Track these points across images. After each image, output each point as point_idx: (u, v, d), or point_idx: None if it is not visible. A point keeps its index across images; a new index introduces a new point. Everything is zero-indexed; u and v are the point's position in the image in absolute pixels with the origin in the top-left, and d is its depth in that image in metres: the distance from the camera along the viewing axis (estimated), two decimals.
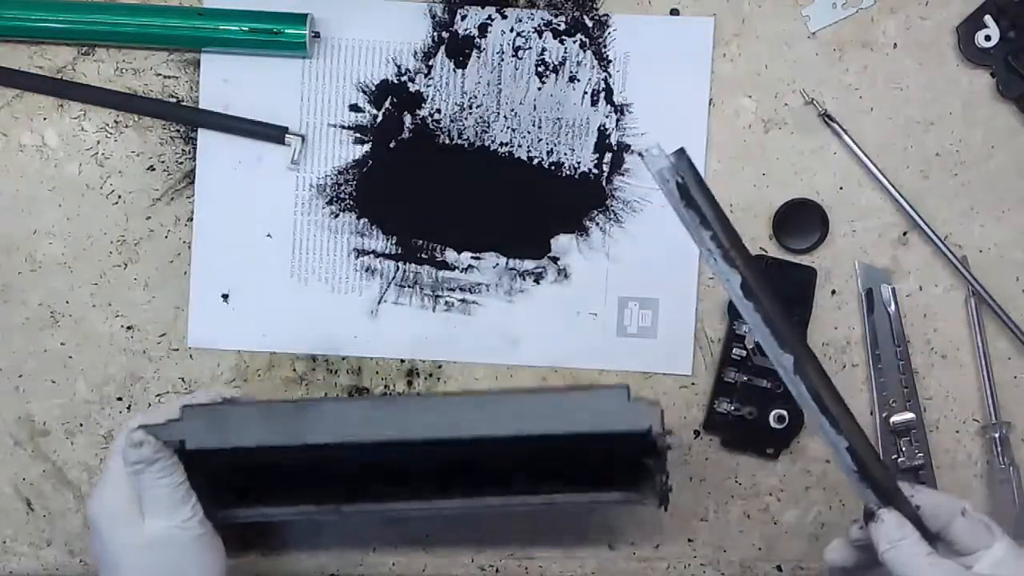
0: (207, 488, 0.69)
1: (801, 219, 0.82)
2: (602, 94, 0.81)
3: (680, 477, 0.83)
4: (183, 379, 0.83)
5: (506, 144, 0.82)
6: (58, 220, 0.82)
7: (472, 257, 0.82)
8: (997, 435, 0.81)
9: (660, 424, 0.68)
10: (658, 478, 0.70)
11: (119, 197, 0.82)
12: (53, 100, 0.82)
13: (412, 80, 0.81)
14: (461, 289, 0.82)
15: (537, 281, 0.82)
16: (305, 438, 0.68)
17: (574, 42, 0.81)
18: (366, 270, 0.82)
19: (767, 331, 0.62)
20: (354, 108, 0.81)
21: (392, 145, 0.82)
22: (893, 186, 0.81)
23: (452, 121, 0.82)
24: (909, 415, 0.81)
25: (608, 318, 0.82)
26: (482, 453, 0.68)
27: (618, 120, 0.81)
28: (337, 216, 0.82)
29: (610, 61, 0.81)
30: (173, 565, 0.67)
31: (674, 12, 0.81)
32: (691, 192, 0.60)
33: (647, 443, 0.68)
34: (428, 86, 0.81)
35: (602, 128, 0.81)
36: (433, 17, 0.81)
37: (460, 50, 0.81)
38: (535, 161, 0.82)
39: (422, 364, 0.83)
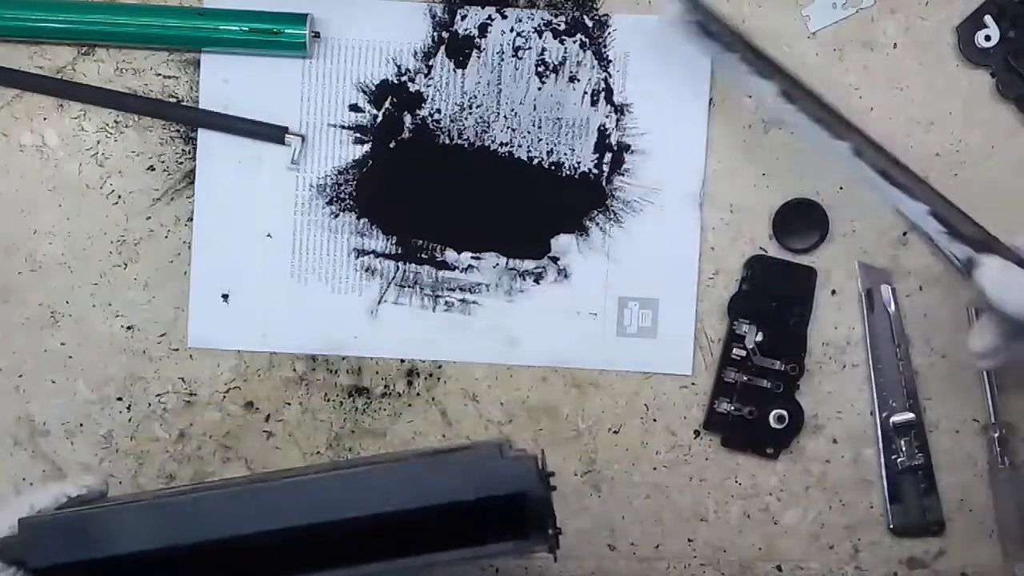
0: None
1: (801, 219, 0.82)
2: (602, 94, 0.81)
3: (680, 477, 0.83)
4: (183, 379, 0.83)
5: (506, 144, 0.82)
6: (58, 220, 0.82)
7: (472, 257, 0.82)
8: (997, 435, 0.81)
9: (537, 477, 0.64)
10: (547, 524, 0.66)
11: (119, 197, 0.82)
12: (53, 100, 0.82)
13: (412, 80, 0.81)
14: (461, 289, 0.82)
15: (537, 281, 0.82)
16: (158, 540, 0.61)
17: (574, 42, 0.81)
18: (366, 270, 0.82)
19: (816, 127, 0.68)
20: (354, 108, 0.81)
21: (392, 145, 0.82)
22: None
23: (452, 121, 0.82)
24: (909, 415, 0.81)
25: (608, 318, 0.82)
26: (353, 527, 0.64)
27: (618, 120, 0.81)
28: (337, 216, 0.82)
29: (610, 61, 0.81)
30: None
31: None
32: (708, 27, 0.65)
33: (528, 501, 0.64)
34: (428, 86, 0.81)
35: (602, 128, 0.81)
36: (433, 17, 0.81)
37: (460, 50, 0.81)
38: (535, 161, 0.82)
39: (422, 364, 0.83)
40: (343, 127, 0.82)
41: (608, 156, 0.82)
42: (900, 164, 0.70)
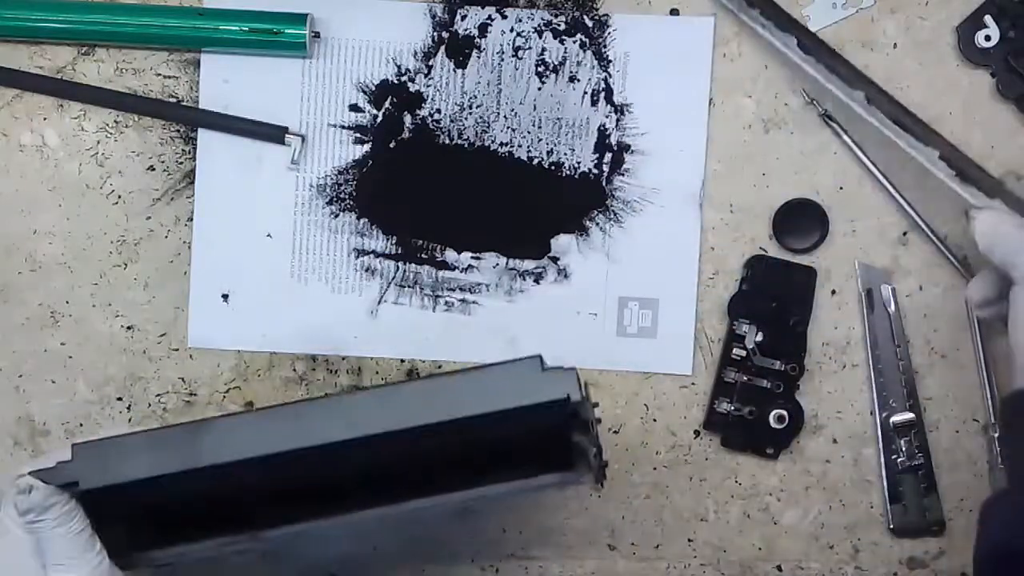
0: (118, 531, 0.64)
1: (801, 219, 0.82)
2: (602, 94, 0.81)
3: (680, 477, 0.83)
4: (183, 379, 0.83)
5: (506, 144, 0.82)
6: (58, 220, 0.82)
7: (472, 257, 0.82)
8: (997, 435, 0.81)
9: (580, 391, 0.63)
10: (590, 452, 0.65)
11: (119, 197, 0.82)
12: (53, 100, 0.82)
13: (412, 80, 0.81)
14: (461, 289, 0.82)
15: (537, 281, 0.82)
16: (202, 460, 0.62)
17: (574, 42, 0.81)
18: (366, 270, 0.82)
19: (833, 76, 0.75)
20: (354, 108, 0.81)
21: (392, 145, 0.82)
22: (893, 186, 0.81)
23: (452, 121, 0.82)
24: (909, 415, 0.81)
25: (608, 318, 0.82)
26: (397, 451, 0.63)
27: (618, 120, 0.81)
28: (337, 216, 0.82)
29: (610, 61, 0.81)
30: None
31: (674, 12, 0.81)
32: None
33: (570, 416, 0.63)
34: (428, 86, 0.81)
35: (602, 128, 0.81)
36: (433, 17, 0.81)
37: (460, 50, 0.81)
38: (535, 161, 0.82)
39: (422, 364, 0.83)
40: (343, 127, 0.82)
41: (608, 156, 0.82)
42: (910, 112, 0.77)
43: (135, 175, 0.82)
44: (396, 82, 0.81)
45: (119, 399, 0.83)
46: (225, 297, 0.82)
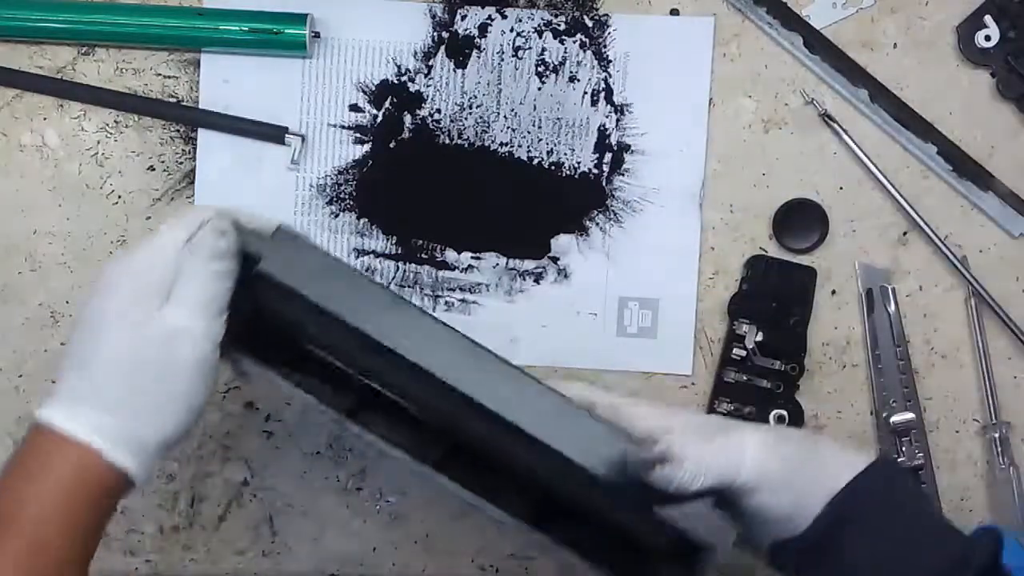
0: (239, 321, 0.60)
1: (801, 219, 0.82)
2: (602, 94, 0.81)
3: None
4: None
5: (506, 144, 0.82)
6: (58, 220, 0.82)
7: (472, 257, 0.82)
8: (997, 435, 0.81)
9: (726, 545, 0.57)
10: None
11: (119, 197, 0.82)
12: (53, 100, 0.82)
13: (412, 80, 0.81)
14: (461, 289, 0.82)
15: (537, 281, 0.82)
16: (361, 322, 0.58)
17: (574, 42, 0.81)
18: (366, 270, 0.82)
19: (837, 74, 0.78)
20: (354, 108, 0.81)
21: (392, 145, 0.82)
22: (893, 186, 0.81)
23: (452, 121, 0.82)
24: (909, 415, 0.81)
25: (608, 318, 0.82)
26: (505, 451, 0.60)
27: (618, 120, 0.81)
28: (337, 216, 0.82)
29: (610, 61, 0.81)
30: (162, 367, 0.57)
31: (674, 12, 0.81)
32: None
33: (692, 552, 0.57)
34: (428, 86, 0.81)
35: (602, 128, 0.81)
36: (433, 17, 0.81)
37: (460, 50, 0.81)
38: (535, 161, 0.82)
39: None
40: (343, 127, 0.82)
41: (608, 156, 0.82)
42: (912, 110, 0.79)
43: (135, 175, 0.82)
44: (396, 82, 0.81)
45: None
46: None
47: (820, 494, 0.56)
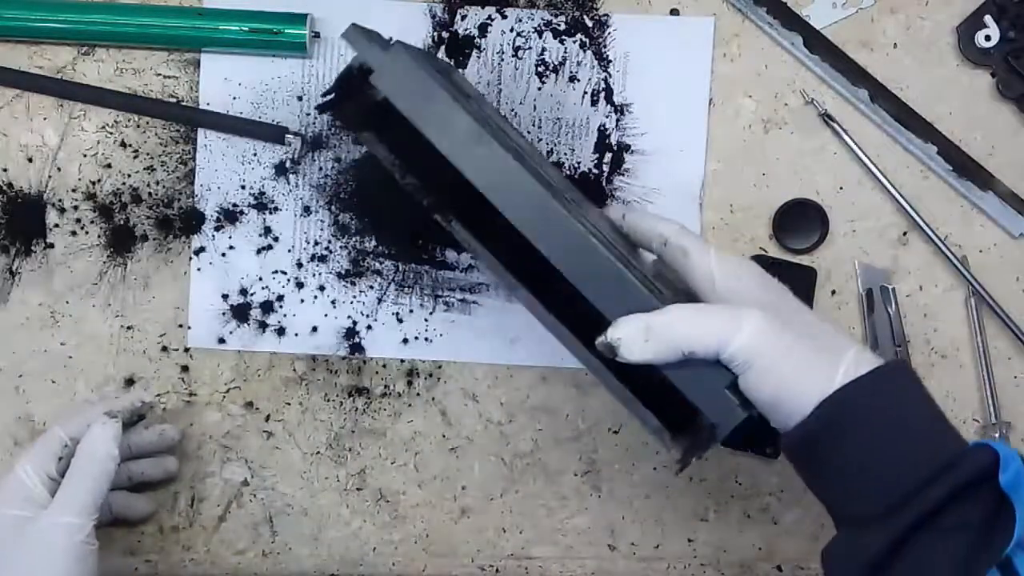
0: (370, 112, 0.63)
1: (801, 219, 0.82)
2: (602, 94, 0.81)
3: (680, 477, 0.83)
4: (183, 379, 0.83)
5: None
6: (58, 220, 0.82)
7: (471, 257, 0.82)
8: (997, 435, 0.81)
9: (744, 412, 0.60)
10: (702, 438, 0.61)
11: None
12: (53, 100, 0.82)
13: None
14: (461, 289, 0.82)
15: None
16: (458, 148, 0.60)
17: (574, 42, 0.81)
18: (366, 270, 0.82)
19: (837, 74, 0.78)
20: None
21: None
22: (893, 186, 0.81)
23: None
24: None
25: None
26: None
27: (618, 120, 0.81)
28: (337, 216, 0.82)
29: (610, 61, 0.81)
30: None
31: (674, 12, 0.81)
32: None
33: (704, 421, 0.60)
34: None
35: (602, 128, 0.81)
36: (433, 17, 0.81)
37: (460, 50, 0.81)
38: None
39: (422, 364, 0.83)
40: (343, 127, 0.81)
41: (608, 156, 0.81)
42: (911, 109, 0.79)
43: (135, 175, 0.82)
44: None
45: (118, 399, 0.83)
46: (225, 297, 0.82)
47: (812, 391, 0.57)
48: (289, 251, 0.82)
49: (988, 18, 0.80)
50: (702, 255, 0.64)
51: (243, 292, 0.82)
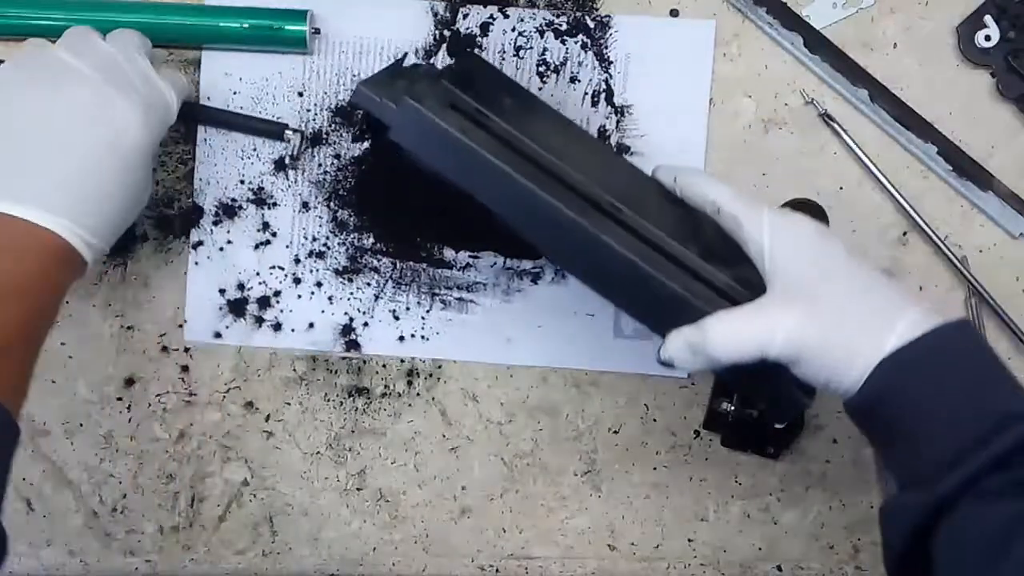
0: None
1: None
2: (603, 95, 0.81)
3: (680, 477, 0.83)
4: (183, 379, 0.82)
5: None
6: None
7: (470, 256, 0.82)
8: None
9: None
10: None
11: None
12: None
13: None
14: (458, 288, 0.82)
15: (535, 281, 0.82)
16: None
17: (575, 43, 0.81)
18: (364, 267, 0.82)
19: (837, 74, 0.79)
20: (354, 105, 0.81)
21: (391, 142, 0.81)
22: (893, 186, 0.81)
23: None
24: None
25: (605, 319, 0.82)
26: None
27: (618, 121, 0.81)
28: (336, 213, 0.82)
29: (611, 62, 0.81)
30: (109, 157, 0.66)
31: (674, 13, 0.81)
32: None
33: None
34: None
35: (602, 129, 0.81)
36: (435, 15, 0.81)
37: (461, 49, 0.81)
38: None
39: (422, 364, 0.83)
40: (343, 124, 0.81)
41: None
42: (911, 109, 0.79)
43: None
44: None
45: (119, 399, 0.83)
46: (222, 292, 0.82)
47: (867, 358, 0.58)
48: (287, 247, 0.82)
49: (988, 18, 0.80)
50: (754, 226, 0.63)
51: (240, 287, 0.82)
